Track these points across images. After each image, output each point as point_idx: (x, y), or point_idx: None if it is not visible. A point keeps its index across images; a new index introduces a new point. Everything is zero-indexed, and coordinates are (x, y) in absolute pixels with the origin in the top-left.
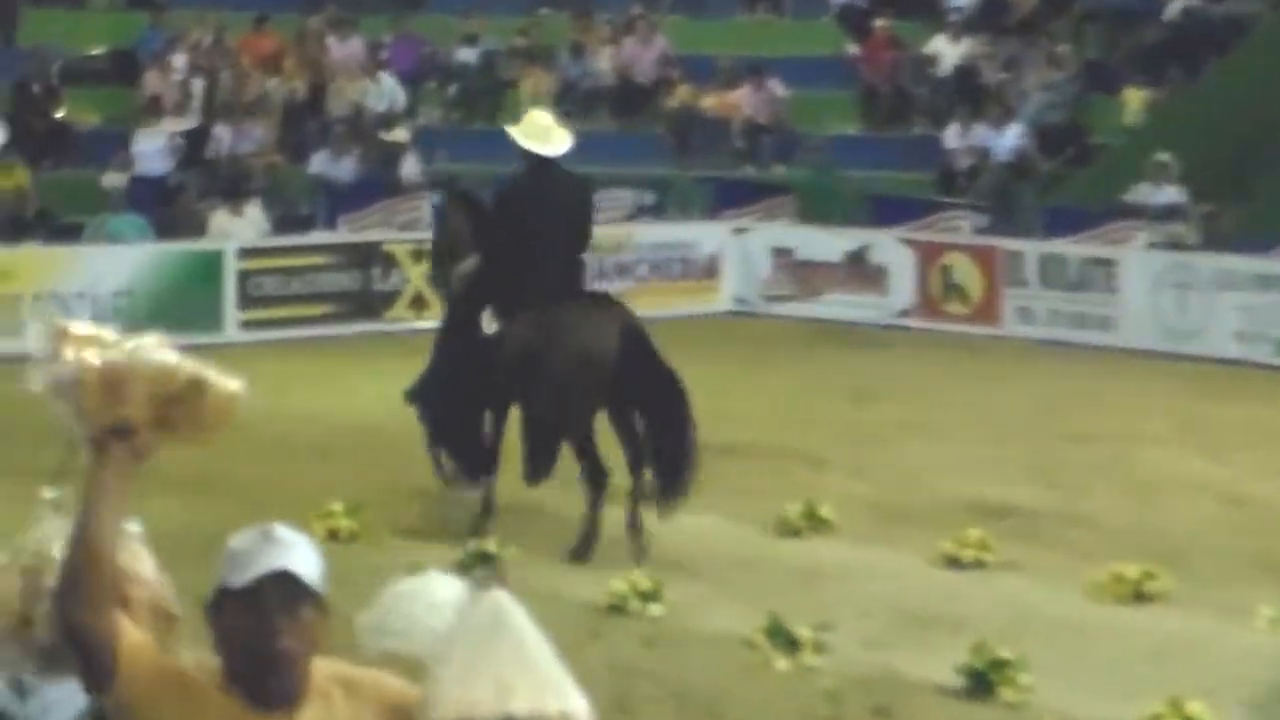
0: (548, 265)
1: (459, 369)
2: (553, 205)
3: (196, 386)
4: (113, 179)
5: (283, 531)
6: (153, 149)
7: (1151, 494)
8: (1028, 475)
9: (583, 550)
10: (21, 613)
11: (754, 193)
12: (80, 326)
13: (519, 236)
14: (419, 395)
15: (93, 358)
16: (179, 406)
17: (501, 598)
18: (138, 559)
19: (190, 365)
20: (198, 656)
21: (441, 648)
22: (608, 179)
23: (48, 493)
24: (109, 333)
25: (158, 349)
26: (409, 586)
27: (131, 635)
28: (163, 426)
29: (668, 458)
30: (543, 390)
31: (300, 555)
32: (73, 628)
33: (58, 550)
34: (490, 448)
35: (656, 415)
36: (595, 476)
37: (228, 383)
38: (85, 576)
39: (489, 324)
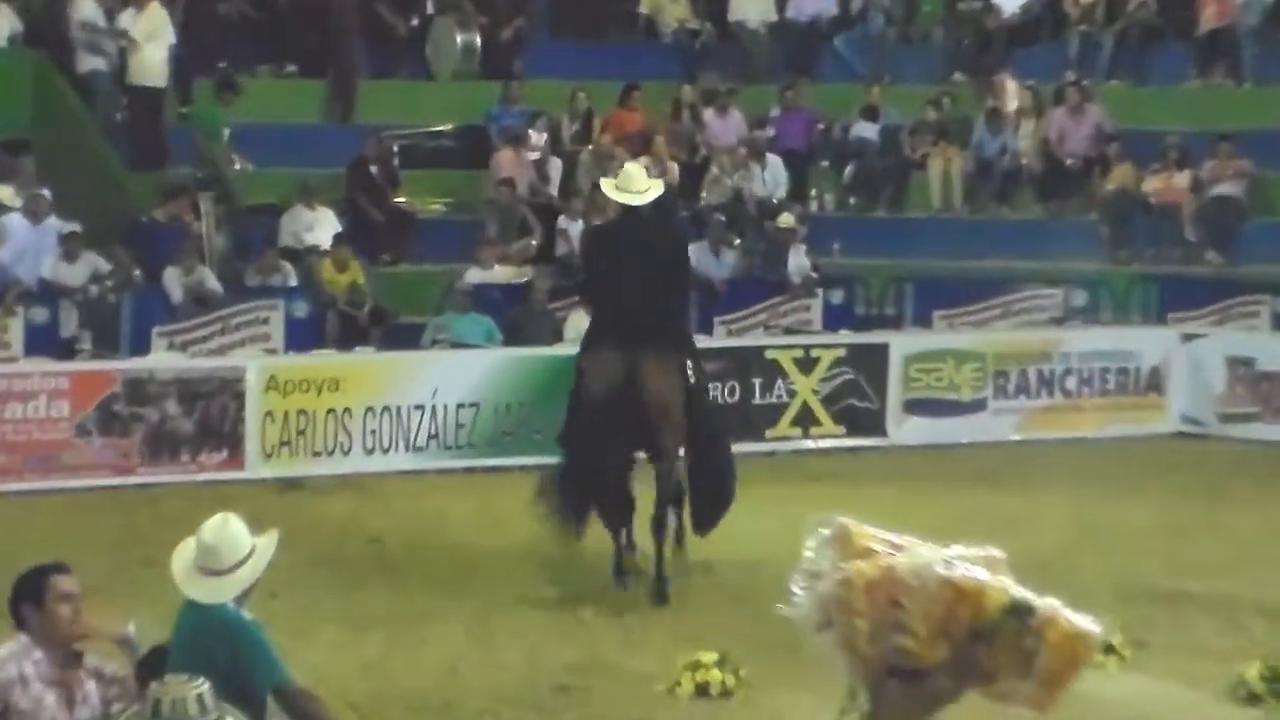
0: (626, 308)
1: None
2: (632, 251)
3: (1017, 618)
4: (475, 276)
5: None
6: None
7: None
8: None
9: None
10: None
11: (1207, 292)
12: (866, 530)
13: (598, 281)
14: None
15: (866, 568)
16: (994, 645)
17: None
18: None
19: (1013, 590)
20: None
21: None
22: (1030, 274)
23: None
24: (907, 539)
25: (961, 562)
26: None
27: None
28: (970, 671)
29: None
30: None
31: None
32: None
33: None
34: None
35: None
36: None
37: (1073, 619)
38: None
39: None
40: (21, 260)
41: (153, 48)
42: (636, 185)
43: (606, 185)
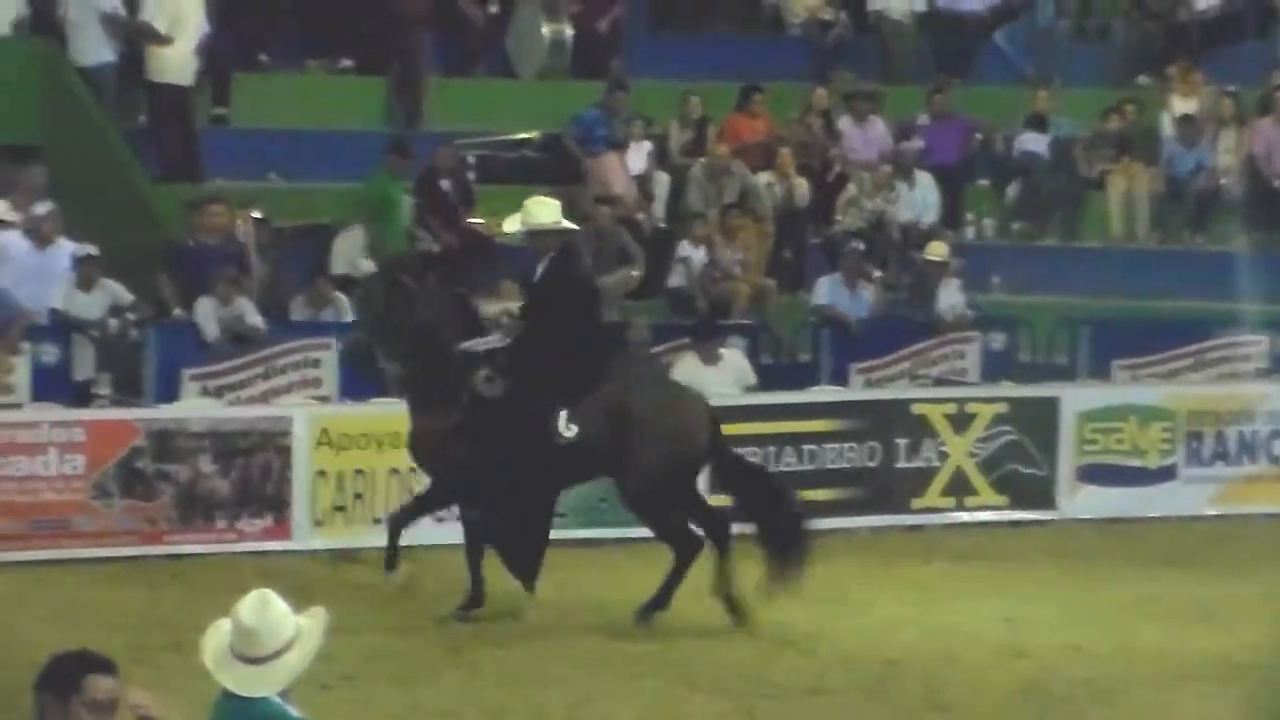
0: (597, 346)
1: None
2: (586, 280)
3: None
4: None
5: None
6: None
7: None
8: None
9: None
10: None
11: None
12: None
13: (576, 321)
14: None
15: None
16: None
17: None
18: None
19: None
20: None
21: None
22: (1230, 317)
23: None
24: None
25: None
26: None
27: None
28: None
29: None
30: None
31: None
32: None
33: None
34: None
35: None
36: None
37: None
38: None
39: (566, 426)
40: (22, 287)
41: (177, 39)
42: (551, 214)
43: (518, 223)
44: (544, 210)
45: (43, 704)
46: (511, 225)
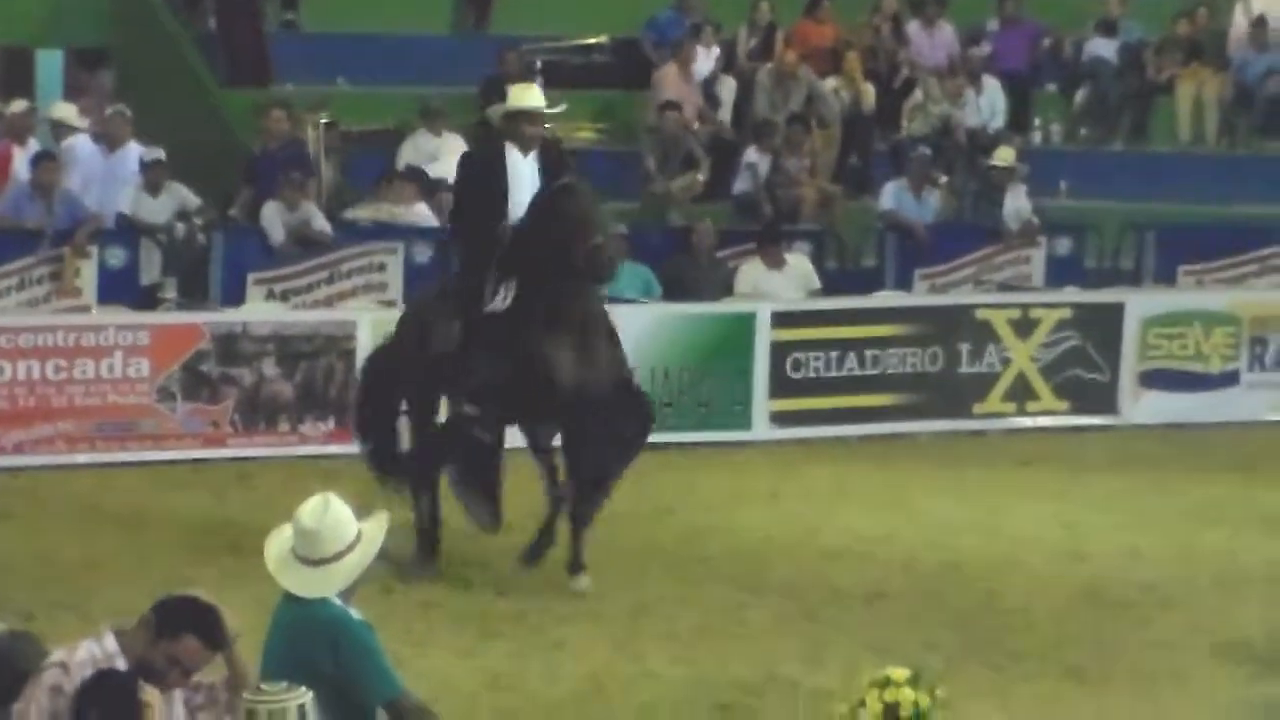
0: None
1: None
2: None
3: None
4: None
5: None
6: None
7: None
8: None
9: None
10: None
11: None
12: None
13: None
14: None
15: None
16: None
17: None
18: None
19: None
20: None
21: None
22: None
23: None
24: None
25: None
26: None
27: None
28: None
29: None
30: None
31: None
32: None
33: None
34: None
35: None
36: None
37: None
38: None
39: None
40: (91, 191)
41: None
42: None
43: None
44: (533, 95)
45: (146, 621)
46: (496, 111)
